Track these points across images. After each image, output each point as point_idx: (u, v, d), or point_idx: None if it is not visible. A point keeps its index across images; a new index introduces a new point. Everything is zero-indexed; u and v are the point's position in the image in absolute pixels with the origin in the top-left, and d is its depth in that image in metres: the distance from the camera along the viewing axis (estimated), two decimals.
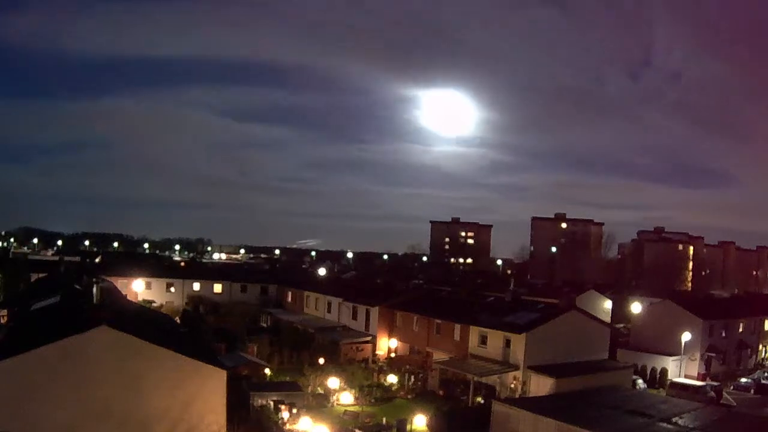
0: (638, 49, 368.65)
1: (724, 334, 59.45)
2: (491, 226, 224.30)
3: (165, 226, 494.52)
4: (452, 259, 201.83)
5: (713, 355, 56.93)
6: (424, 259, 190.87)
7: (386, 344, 56.62)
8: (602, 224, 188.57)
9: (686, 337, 52.55)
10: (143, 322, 37.81)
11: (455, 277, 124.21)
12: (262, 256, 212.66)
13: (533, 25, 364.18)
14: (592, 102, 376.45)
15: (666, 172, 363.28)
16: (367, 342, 55.91)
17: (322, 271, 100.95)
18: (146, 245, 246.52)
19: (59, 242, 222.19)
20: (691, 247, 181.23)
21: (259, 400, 35.86)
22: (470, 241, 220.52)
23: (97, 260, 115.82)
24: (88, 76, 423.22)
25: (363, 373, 46.50)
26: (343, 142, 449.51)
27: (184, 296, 77.69)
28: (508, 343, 44.67)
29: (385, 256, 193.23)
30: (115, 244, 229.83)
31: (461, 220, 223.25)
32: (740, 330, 62.25)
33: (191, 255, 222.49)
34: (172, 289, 78.27)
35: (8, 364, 24.81)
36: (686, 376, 52.80)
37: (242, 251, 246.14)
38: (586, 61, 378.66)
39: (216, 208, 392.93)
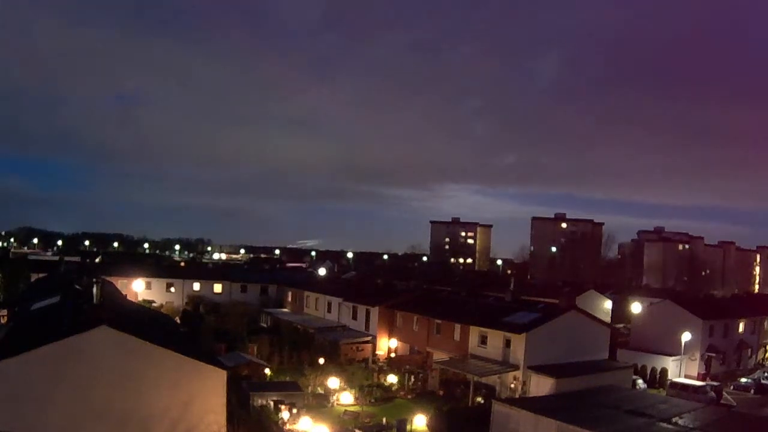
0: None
1: (724, 335, 59.45)
2: (491, 226, 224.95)
3: (165, 226, 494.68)
4: (452, 259, 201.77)
5: (713, 355, 56.93)
6: (424, 259, 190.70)
7: (386, 344, 56.64)
8: (602, 224, 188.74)
9: (686, 337, 52.57)
10: (143, 322, 37.81)
11: (455, 277, 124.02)
12: (262, 256, 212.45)
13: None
14: None
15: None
16: (367, 342, 55.93)
17: (322, 271, 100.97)
18: (146, 245, 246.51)
19: (59, 242, 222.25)
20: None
21: (259, 400, 35.90)
22: (470, 241, 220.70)
23: (97, 260, 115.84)
24: None
25: (363, 373, 46.54)
26: None
27: (184, 296, 77.72)
28: (508, 343, 44.67)
29: (385, 256, 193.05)
30: (115, 244, 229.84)
31: (461, 220, 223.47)
32: (740, 330, 62.27)
33: (191, 255, 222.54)
34: (172, 289, 78.29)
35: (8, 364, 24.78)
36: (686, 376, 52.80)
37: (242, 251, 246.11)
38: None
39: (216, 208, 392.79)
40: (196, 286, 79.59)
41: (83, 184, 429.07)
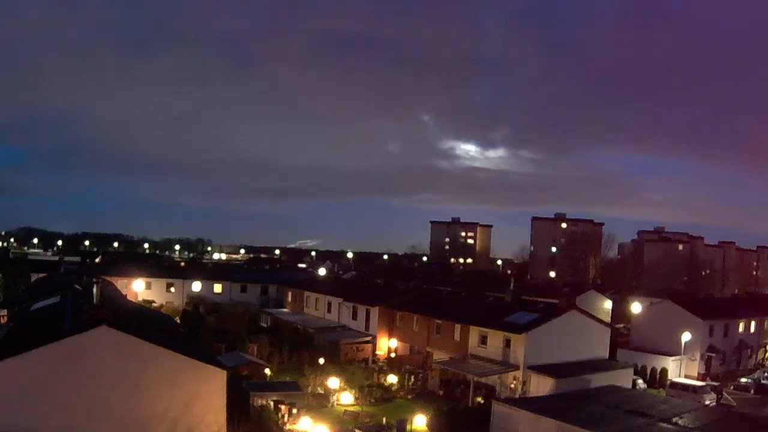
0: None
1: (724, 335, 59.45)
2: (491, 226, 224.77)
3: (165, 226, 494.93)
4: (452, 259, 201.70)
5: (713, 355, 56.95)
6: (424, 259, 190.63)
7: (386, 344, 56.64)
8: (602, 224, 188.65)
9: (686, 337, 52.57)
10: (143, 322, 37.77)
11: (455, 277, 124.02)
12: (262, 256, 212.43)
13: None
14: None
15: None
16: (367, 342, 55.94)
17: (322, 271, 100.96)
18: (146, 245, 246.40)
19: (59, 242, 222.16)
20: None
21: (259, 400, 35.86)
22: (470, 241, 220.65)
23: (97, 260, 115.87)
24: None
25: (363, 373, 46.60)
26: None
27: (184, 296, 77.67)
28: (508, 343, 44.69)
29: (385, 256, 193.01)
30: (115, 244, 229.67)
31: (461, 220, 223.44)
32: (740, 330, 62.28)
33: (191, 255, 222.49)
34: (172, 289, 78.26)
35: (8, 364, 24.77)
36: (686, 376, 52.84)
37: (242, 251, 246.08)
38: None
39: (216, 207, 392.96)
40: (196, 286, 79.52)
41: (83, 184, 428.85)
